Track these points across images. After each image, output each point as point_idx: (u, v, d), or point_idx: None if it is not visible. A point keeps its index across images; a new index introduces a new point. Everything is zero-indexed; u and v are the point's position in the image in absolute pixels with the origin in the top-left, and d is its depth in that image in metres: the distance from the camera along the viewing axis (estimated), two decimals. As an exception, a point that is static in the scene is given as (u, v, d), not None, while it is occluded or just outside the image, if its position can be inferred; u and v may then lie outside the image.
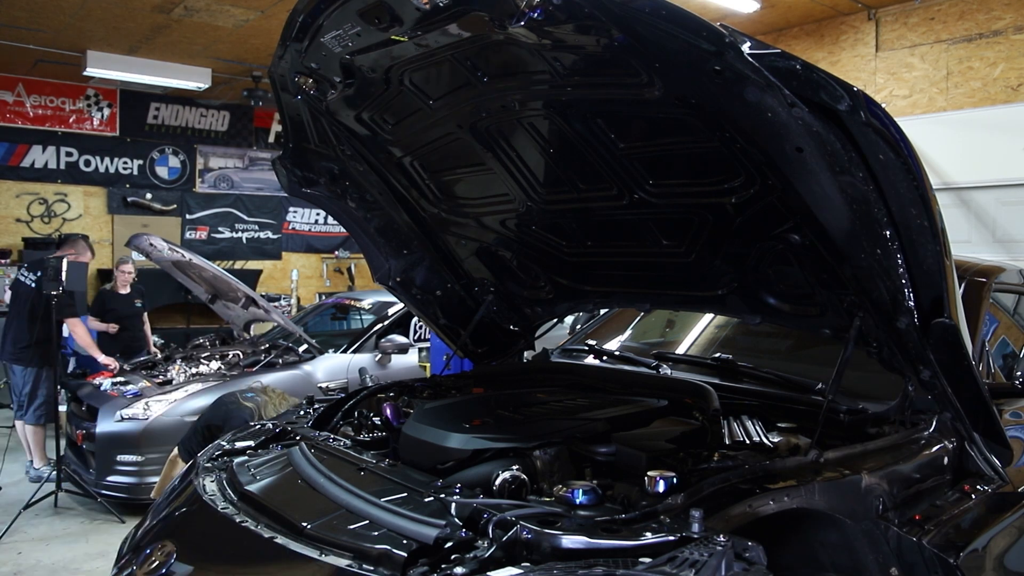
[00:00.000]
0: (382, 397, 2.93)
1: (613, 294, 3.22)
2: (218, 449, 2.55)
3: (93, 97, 10.53)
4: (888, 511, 1.96)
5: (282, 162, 2.88)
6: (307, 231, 12.58)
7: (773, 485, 1.82)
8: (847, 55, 7.97)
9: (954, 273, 2.06)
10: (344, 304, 7.58)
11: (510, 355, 3.67)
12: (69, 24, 7.69)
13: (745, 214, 2.30)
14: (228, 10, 7.29)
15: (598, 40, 1.82)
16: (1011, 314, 3.21)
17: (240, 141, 11.85)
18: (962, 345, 2.06)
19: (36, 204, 10.35)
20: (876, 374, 2.42)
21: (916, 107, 7.50)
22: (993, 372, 2.84)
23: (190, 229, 11.45)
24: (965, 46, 7.19)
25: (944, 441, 2.26)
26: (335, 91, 2.45)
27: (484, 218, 3.05)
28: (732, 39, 1.62)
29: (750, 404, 2.64)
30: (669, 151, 2.29)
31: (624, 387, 2.96)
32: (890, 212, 1.85)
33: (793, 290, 2.48)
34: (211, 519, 2.05)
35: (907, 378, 2.31)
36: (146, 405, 5.28)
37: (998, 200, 6.80)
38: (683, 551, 1.48)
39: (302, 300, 11.37)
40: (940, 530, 1.96)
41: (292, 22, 2.21)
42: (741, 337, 3.44)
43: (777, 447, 2.27)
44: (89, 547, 4.72)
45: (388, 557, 1.63)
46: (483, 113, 2.42)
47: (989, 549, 2.09)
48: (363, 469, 2.12)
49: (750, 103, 1.72)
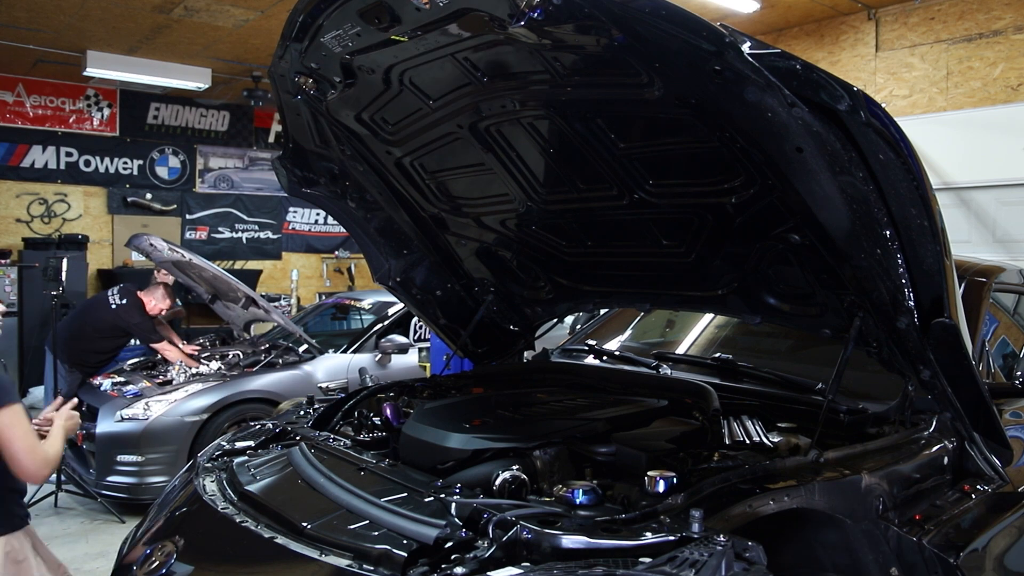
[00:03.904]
0: (382, 397, 2.93)
1: (613, 294, 3.22)
2: (218, 449, 2.55)
3: (93, 97, 10.52)
4: (888, 511, 1.96)
5: (282, 162, 2.88)
6: (307, 231, 12.58)
7: (773, 485, 1.83)
8: (847, 55, 7.97)
9: (954, 273, 2.06)
10: (344, 304, 7.58)
11: (510, 355, 3.67)
12: (69, 24, 7.69)
13: (745, 214, 2.30)
14: (228, 10, 7.29)
15: (598, 40, 1.82)
16: (1011, 314, 3.21)
17: (240, 141, 11.84)
18: (962, 345, 2.06)
19: (36, 204, 10.35)
20: (876, 374, 2.42)
21: (916, 107, 7.50)
22: (993, 372, 2.84)
23: (190, 229, 11.45)
24: (965, 46, 7.19)
25: (944, 441, 2.26)
26: (335, 91, 2.45)
27: (484, 218, 3.05)
28: (732, 39, 1.62)
29: (750, 404, 2.64)
30: (669, 151, 2.29)
31: (624, 387, 2.96)
32: (890, 212, 1.85)
33: (793, 290, 2.48)
34: (211, 519, 2.05)
35: (907, 378, 2.31)
36: (146, 405, 5.27)
37: (998, 200, 6.81)
38: (683, 551, 1.48)
39: (302, 300, 11.36)
40: (940, 530, 1.96)
41: (292, 22, 2.21)
42: (741, 337, 3.44)
43: (777, 447, 2.27)
44: (89, 547, 4.72)
45: (388, 557, 1.63)
46: (483, 113, 2.42)
47: (989, 549, 2.09)
48: (363, 469, 2.12)
49: (750, 103, 1.72)
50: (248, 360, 6.16)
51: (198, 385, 5.57)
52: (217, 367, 6.10)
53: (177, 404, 5.32)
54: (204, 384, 5.58)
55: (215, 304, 7.24)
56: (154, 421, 5.19)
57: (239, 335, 7.32)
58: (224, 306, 7.16)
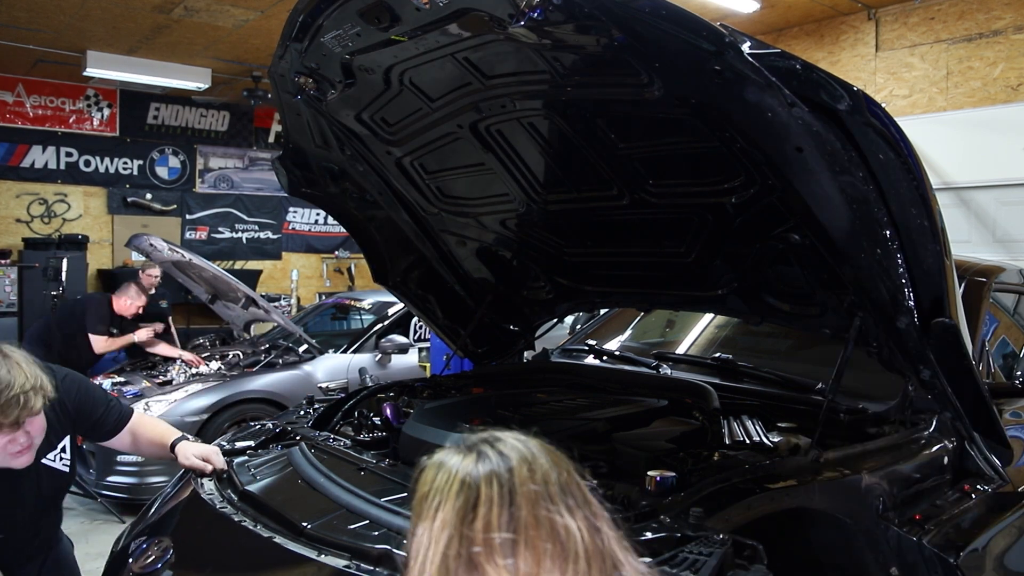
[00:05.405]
0: (382, 397, 2.93)
1: (613, 294, 3.21)
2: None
3: (93, 97, 10.52)
4: (888, 511, 1.96)
5: (282, 162, 2.88)
6: (307, 231, 12.58)
7: (773, 485, 1.83)
8: (847, 55, 7.97)
9: (954, 273, 2.06)
10: (344, 304, 7.57)
11: (510, 355, 3.67)
12: (69, 24, 7.69)
13: (745, 214, 2.30)
14: (228, 10, 7.29)
15: (598, 40, 1.81)
16: (1011, 314, 3.21)
17: (240, 141, 11.84)
18: (962, 345, 2.06)
19: (36, 204, 10.35)
20: (876, 374, 2.42)
21: (916, 107, 7.50)
22: (993, 372, 2.84)
23: (190, 229, 11.45)
24: (965, 46, 7.19)
25: (944, 441, 2.26)
26: (335, 91, 2.45)
27: (484, 218, 3.05)
28: (732, 39, 1.62)
29: (750, 404, 2.64)
30: (669, 151, 2.29)
31: (624, 387, 2.96)
32: (890, 212, 1.85)
33: (793, 290, 2.48)
34: (210, 518, 2.05)
35: (907, 378, 2.30)
36: (146, 405, 5.27)
37: (998, 200, 6.81)
38: (683, 550, 1.48)
39: (302, 300, 11.36)
40: (940, 530, 1.96)
41: (292, 22, 2.21)
42: (741, 337, 3.44)
43: (777, 447, 2.27)
44: (89, 547, 4.71)
45: (388, 557, 1.63)
46: (483, 113, 2.42)
47: (989, 549, 2.09)
48: (363, 469, 2.12)
49: (750, 103, 1.72)
50: (248, 360, 6.16)
51: (198, 385, 5.57)
52: (217, 367, 6.11)
53: (177, 404, 5.32)
54: (204, 384, 5.58)
55: (215, 304, 7.24)
56: (154, 421, 5.18)
57: (239, 335, 7.32)
58: (224, 306, 7.16)
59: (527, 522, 0.93)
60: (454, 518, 0.93)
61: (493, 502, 0.93)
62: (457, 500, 0.94)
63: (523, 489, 0.94)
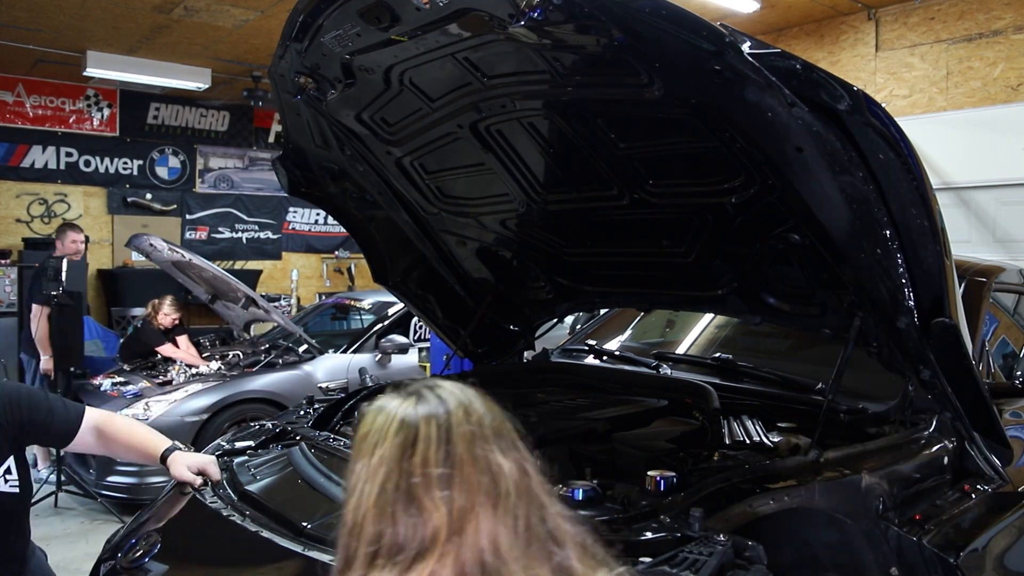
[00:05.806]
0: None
1: (613, 294, 3.21)
2: (218, 449, 2.55)
3: (93, 97, 10.52)
4: (888, 511, 1.96)
5: (282, 162, 2.88)
6: (307, 231, 12.57)
7: (773, 485, 1.83)
8: (847, 55, 7.97)
9: (954, 273, 2.06)
10: (344, 304, 7.58)
11: (510, 355, 3.67)
12: (69, 24, 7.69)
13: (745, 214, 2.30)
14: (228, 10, 7.29)
15: (598, 40, 1.82)
16: (1011, 314, 3.21)
17: (240, 141, 11.84)
18: (962, 345, 2.06)
19: (36, 204, 10.34)
20: (876, 374, 2.42)
21: (916, 107, 7.50)
22: (993, 372, 2.84)
23: (190, 229, 11.44)
24: (965, 46, 7.19)
25: (944, 441, 2.26)
26: (335, 91, 2.45)
27: (484, 218, 3.05)
28: (732, 39, 1.62)
29: (750, 404, 2.64)
30: (669, 151, 2.29)
31: (624, 387, 2.96)
32: (890, 212, 1.85)
33: (793, 290, 2.48)
34: (209, 518, 2.05)
35: (907, 378, 2.30)
36: (146, 405, 5.27)
37: (998, 200, 6.80)
38: (683, 550, 1.48)
39: (302, 300, 11.36)
40: (940, 530, 1.96)
41: (292, 22, 2.21)
42: (741, 337, 3.44)
43: (777, 447, 2.27)
44: (89, 547, 4.72)
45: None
46: (483, 113, 2.42)
47: (989, 549, 2.09)
48: (363, 469, 2.11)
49: (750, 103, 1.72)
50: (248, 360, 6.16)
51: (198, 385, 5.57)
52: (217, 367, 6.11)
53: (177, 404, 5.33)
54: (204, 384, 5.58)
55: (215, 304, 7.24)
56: (154, 421, 5.17)
57: (239, 335, 7.32)
58: (224, 306, 7.16)
59: (463, 458, 0.97)
60: (394, 453, 0.97)
61: (431, 439, 0.98)
62: (396, 438, 0.98)
63: (459, 429, 0.99)
